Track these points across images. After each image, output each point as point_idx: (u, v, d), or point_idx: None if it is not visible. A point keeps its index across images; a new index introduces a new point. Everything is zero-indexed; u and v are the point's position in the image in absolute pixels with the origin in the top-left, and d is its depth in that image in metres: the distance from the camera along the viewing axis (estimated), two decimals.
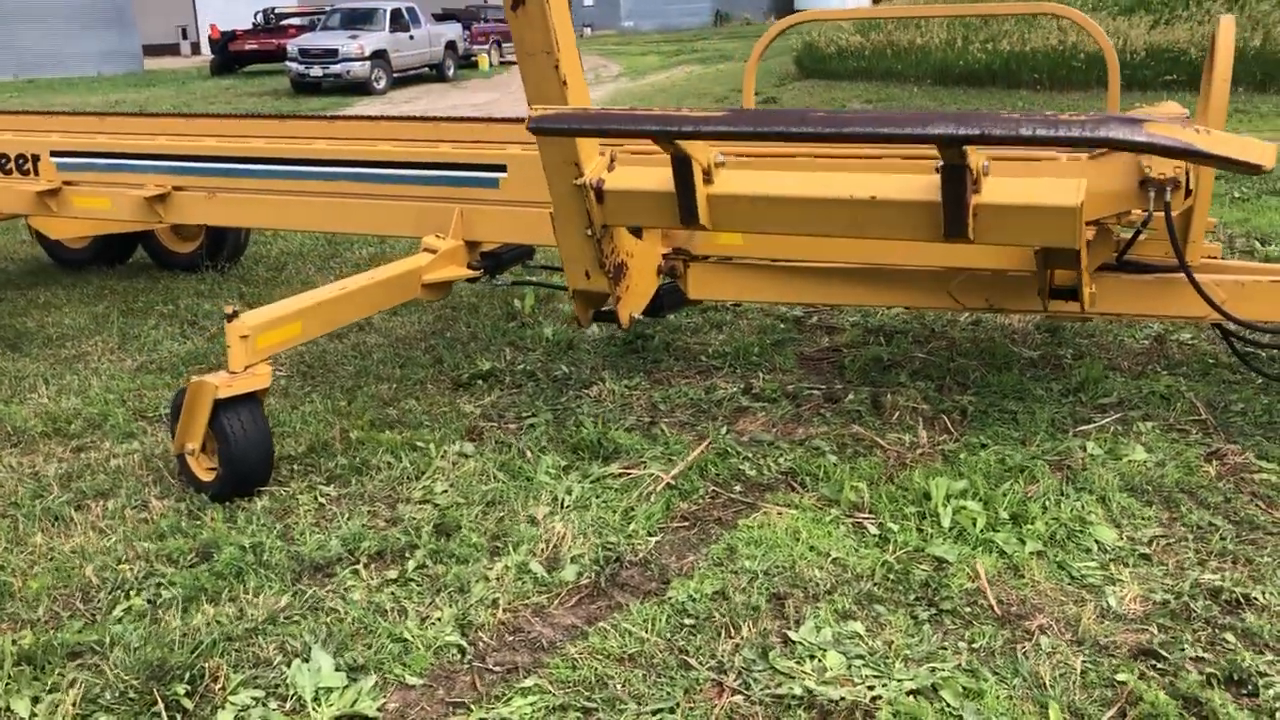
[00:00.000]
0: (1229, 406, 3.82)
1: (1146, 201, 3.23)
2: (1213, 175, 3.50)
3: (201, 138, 4.86)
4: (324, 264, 6.50)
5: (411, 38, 24.60)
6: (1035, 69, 14.85)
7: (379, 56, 23.24)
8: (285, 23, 30.51)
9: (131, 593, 2.82)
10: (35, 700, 2.40)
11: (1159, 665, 2.43)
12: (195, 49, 51.40)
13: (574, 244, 3.61)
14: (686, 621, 2.65)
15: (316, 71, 22.73)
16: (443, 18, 28.46)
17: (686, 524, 3.16)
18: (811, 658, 2.48)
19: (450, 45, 26.31)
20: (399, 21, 24.34)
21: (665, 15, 51.13)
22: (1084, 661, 2.45)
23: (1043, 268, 3.42)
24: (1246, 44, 13.27)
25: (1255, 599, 2.66)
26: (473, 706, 2.37)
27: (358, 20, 24.32)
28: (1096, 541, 2.96)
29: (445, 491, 3.35)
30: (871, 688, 2.36)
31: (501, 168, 4.18)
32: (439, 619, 2.68)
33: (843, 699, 2.32)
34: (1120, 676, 2.38)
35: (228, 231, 6.14)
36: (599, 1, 52.70)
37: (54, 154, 4.99)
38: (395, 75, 23.95)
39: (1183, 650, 2.47)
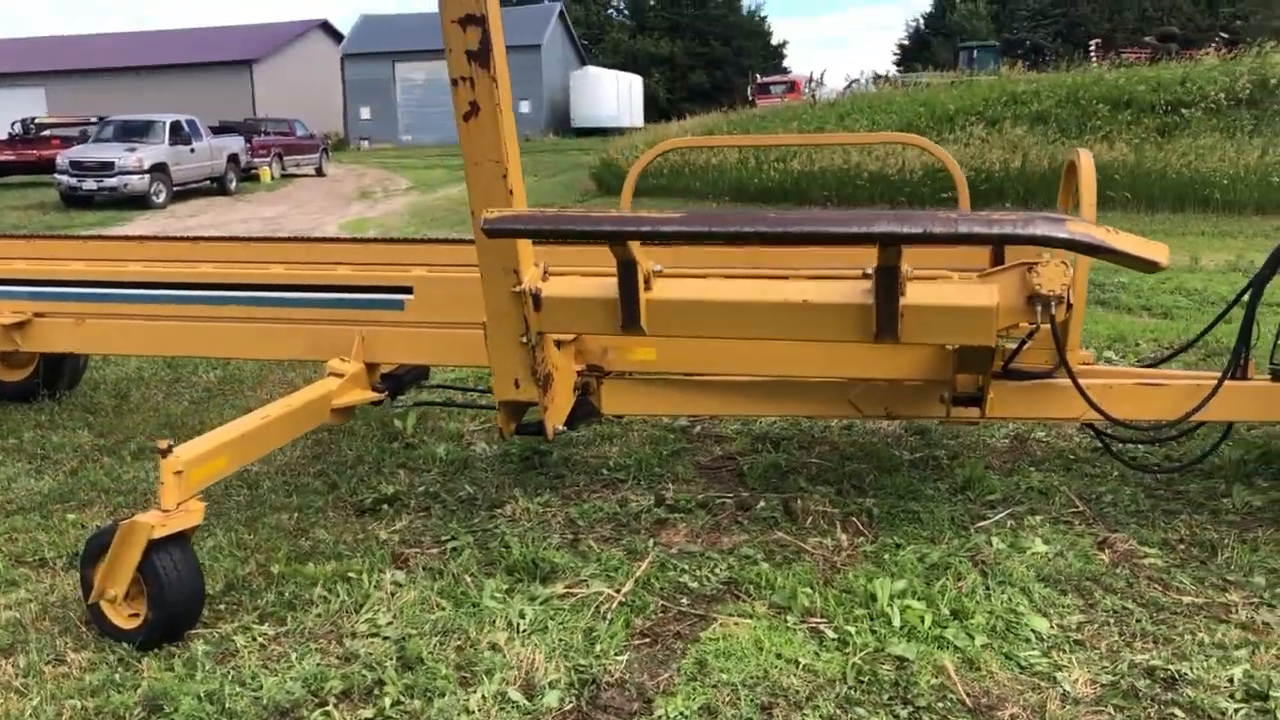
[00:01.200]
0: (1100, 498, 4.19)
1: (1033, 315, 3.55)
2: (1085, 290, 3.89)
3: (68, 261, 4.61)
4: (170, 389, 6.19)
5: (192, 150, 23.86)
6: (824, 186, 15.92)
7: (159, 169, 22.38)
8: (47, 133, 28.97)
9: None
10: None
11: None
12: None
13: (507, 352, 3.63)
14: None
15: (90, 184, 21.63)
16: (220, 130, 27.74)
17: (648, 640, 3.19)
18: None
19: (233, 158, 25.67)
20: (179, 134, 23.58)
21: (445, 130, 51.50)
22: None
23: (955, 372, 3.69)
24: (1008, 165, 14.71)
25: (1186, 674, 2.92)
26: None
27: (134, 132, 23.40)
28: (1033, 631, 3.17)
29: (391, 623, 3.25)
30: None
31: (407, 289, 4.17)
32: None
33: None
34: None
35: (65, 358, 5.77)
36: (376, 115, 52.80)
37: None
38: (175, 188, 23.10)
39: None
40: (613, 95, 50.55)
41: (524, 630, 3.19)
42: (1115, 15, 57.32)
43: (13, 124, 30.07)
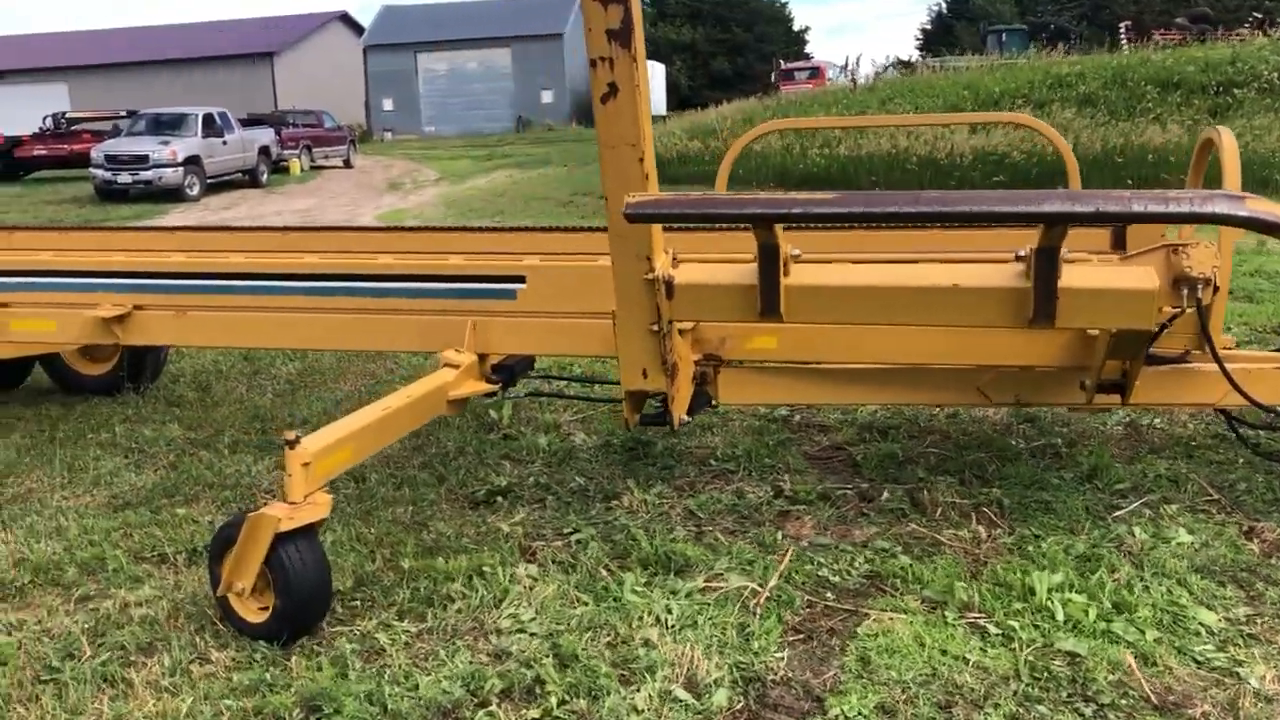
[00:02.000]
0: (1233, 486, 4.07)
1: (1178, 298, 3.42)
2: (1230, 273, 3.77)
3: (167, 253, 4.53)
4: (250, 381, 6.12)
5: (225, 143, 23.90)
6: (872, 171, 15.77)
7: (193, 162, 22.43)
8: (78, 128, 29.05)
9: None
10: None
11: None
12: None
13: (636, 341, 3.55)
14: None
15: (125, 178, 21.72)
16: (250, 122, 27.76)
17: (802, 636, 3.09)
18: None
19: (264, 150, 25.70)
20: (211, 127, 23.62)
21: (467, 120, 51.61)
22: None
23: (1106, 357, 3.57)
24: (1046, 149, 14.49)
25: None
26: None
27: (167, 126, 23.44)
28: (1202, 625, 3.06)
29: (535, 619, 3.17)
30: None
31: (520, 278, 4.07)
32: None
33: None
34: None
35: (148, 351, 5.72)
36: (399, 107, 52.78)
37: None
38: (209, 181, 23.13)
39: None
40: None
41: (674, 626, 3.10)
42: None
43: (44, 118, 30.17)
